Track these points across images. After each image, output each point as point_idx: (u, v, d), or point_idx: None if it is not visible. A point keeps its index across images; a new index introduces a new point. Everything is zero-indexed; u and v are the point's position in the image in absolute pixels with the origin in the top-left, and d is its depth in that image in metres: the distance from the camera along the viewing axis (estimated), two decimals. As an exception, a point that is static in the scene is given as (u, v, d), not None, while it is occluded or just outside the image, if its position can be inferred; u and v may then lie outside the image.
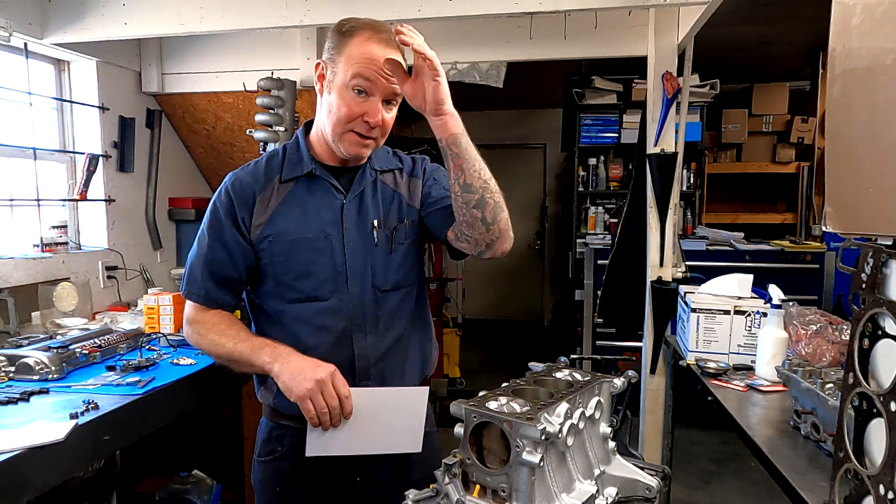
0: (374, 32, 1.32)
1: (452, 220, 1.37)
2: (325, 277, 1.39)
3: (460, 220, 1.34)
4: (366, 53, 1.30)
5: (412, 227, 1.49)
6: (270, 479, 1.48)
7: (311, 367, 1.29)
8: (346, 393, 1.29)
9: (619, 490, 1.10)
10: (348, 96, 1.32)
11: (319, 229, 1.39)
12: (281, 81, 3.23)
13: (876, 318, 0.88)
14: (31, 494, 1.53)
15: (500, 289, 7.59)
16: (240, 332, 1.40)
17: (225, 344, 1.38)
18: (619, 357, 3.61)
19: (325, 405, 1.27)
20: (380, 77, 1.30)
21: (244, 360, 1.36)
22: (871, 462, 0.89)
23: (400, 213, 1.47)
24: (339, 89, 1.33)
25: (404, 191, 1.50)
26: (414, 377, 1.49)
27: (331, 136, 1.37)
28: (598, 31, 3.07)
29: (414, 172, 1.53)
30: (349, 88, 1.31)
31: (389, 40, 1.32)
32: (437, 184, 1.49)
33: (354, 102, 1.32)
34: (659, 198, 2.90)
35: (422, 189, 1.50)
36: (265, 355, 1.33)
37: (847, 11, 0.89)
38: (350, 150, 1.38)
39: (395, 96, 1.36)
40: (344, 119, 1.33)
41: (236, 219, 1.39)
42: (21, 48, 2.84)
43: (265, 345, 1.36)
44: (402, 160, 1.54)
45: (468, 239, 1.36)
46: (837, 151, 0.94)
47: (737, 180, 5.68)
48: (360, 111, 1.32)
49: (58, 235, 3.00)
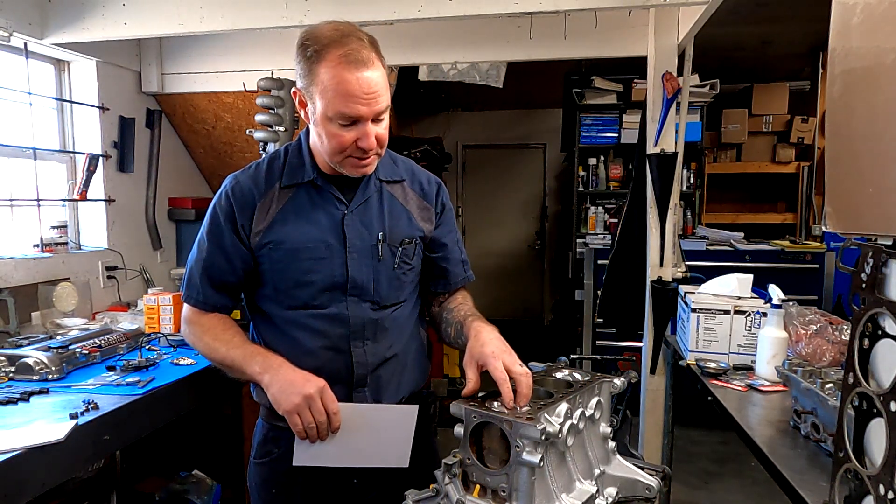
0: (341, 52, 1.22)
1: (438, 281, 1.53)
2: (323, 287, 1.38)
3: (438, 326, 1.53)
4: (341, 86, 1.22)
5: (419, 249, 1.47)
6: (267, 481, 1.47)
7: (300, 381, 1.28)
8: (335, 409, 1.28)
9: (619, 490, 1.11)
10: (333, 129, 1.27)
11: (320, 239, 1.37)
12: (281, 81, 3.23)
13: (876, 318, 0.88)
14: (31, 494, 1.53)
15: (500, 289, 7.58)
16: (234, 337, 1.40)
17: (219, 349, 1.38)
18: (619, 357, 3.62)
19: (313, 420, 1.26)
20: (360, 106, 1.24)
21: (236, 367, 1.36)
22: (871, 462, 0.89)
23: (409, 229, 1.45)
24: (322, 122, 1.28)
25: (414, 209, 1.47)
26: (410, 387, 1.49)
27: (329, 163, 1.36)
28: (598, 31, 3.07)
29: (425, 195, 1.50)
30: (333, 122, 1.26)
31: (356, 55, 1.22)
32: (445, 236, 1.53)
33: (342, 132, 1.27)
34: (659, 198, 2.90)
35: (436, 222, 1.51)
36: (256, 365, 1.33)
37: (847, 11, 0.89)
38: (354, 173, 1.36)
39: (382, 112, 1.29)
40: (336, 149, 1.29)
41: (236, 224, 1.38)
42: (21, 48, 2.84)
43: (257, 353, 1.35)
44: (406, 171, 1.51)
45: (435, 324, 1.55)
46: (837, 151, 0.94)
47: (737, 180, 5.68)
48: (351, 139, 1.27)
49: (58, 235, 3.00)
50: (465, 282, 1.57)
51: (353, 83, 1.22)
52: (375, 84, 1.25)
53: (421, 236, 1.47)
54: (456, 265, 1.55)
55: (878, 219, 0.86)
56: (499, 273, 7.61)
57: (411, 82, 4.12)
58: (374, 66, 1.25)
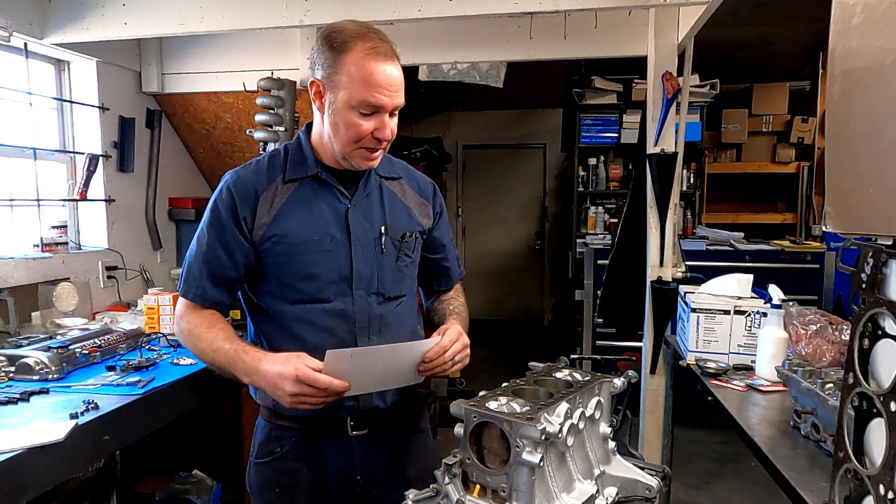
0: (369, 45, 1.29)
1: (440, 280, 1.63)
2: (329, 280, 1.38)
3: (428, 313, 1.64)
4: (368, 76, 1.28)
5: (418, 243, 1.52)
6: (269, 481, 1.46)
7: (279, 381, 1.23)
8: (325, 382, 1.22)
9: (619, 490, 1.11)
10: (354, 117, 1.31)
11: (325, 232, 1.38)
12: (281, 81, 3.23)
13: (876, 318, 0.88)
14: (31, 494, 1.53)
15: (500, 289, 7.58)
16: (216, 338, 1.36)
17: (205, 350, 1.37)
18: (619, 357, 3.62)
19: (317, 399, 1.24)
20: (384, 97, 1.30)
21: (226, 371, 1.35)
22: (871, 462, 0.89)
23: (409, 223, 1.49)
24: (343, 111, 1.31)
25: (413, 204, 1.52)
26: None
27: (340, 153, 1.37)
28: (598, 31, 3.07)
29: (422, 193, 1.55)
30: (355, 111, 1.30)
31: (382, 48, 1.30)
32: (444, 236, 1.60)
33: (362, 122, 1.31)
34: (659, 198, 2.90)
35: (435, 222, 1.57)
36: (239, 372, 1.31)
37: (847, 11, 0.89)
38: (361, 165, 1.39)
39: (400, 106, 1.36)
40: (354, 139, 1.33)
41: (238, 217, 1.38)
42: (21, 48, 2.84)
43: (237, 357, 1.31)
44: (402, 169, 1.56)
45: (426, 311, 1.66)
46: (837, 151, 0.94)
47: (737, 180, 5.68)
48: (369, 129, 1.32)
49: (58, 235, 3.00)
50: (461, 276, 1.69)
51: (381, 74, 1.29)
52: (398, 79, 1.33)
53: (420, 231, 1.51)
54: (454, 263, 1.65)
55: (878, 219, 0.86)
56: (499, 273, 7.61)
57: (411, 82, 4.11)
58: (397, 63, 1.34)
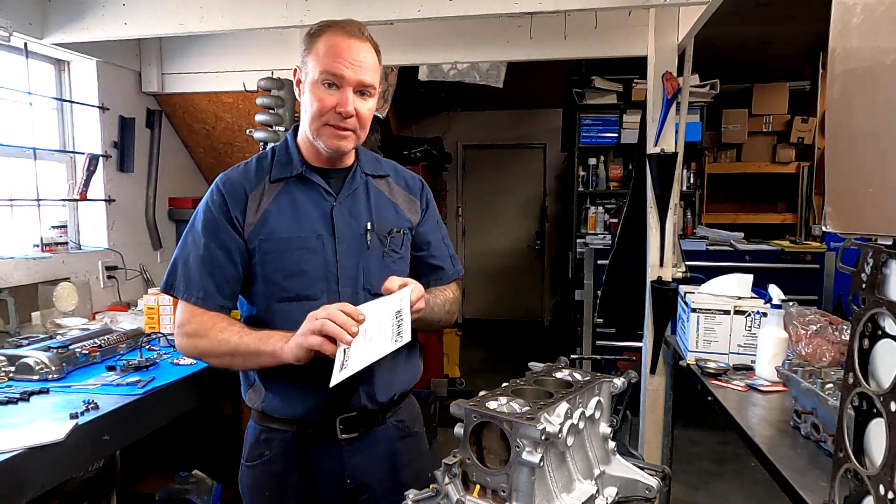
0: (340, 28, 1.35)
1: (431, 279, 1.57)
2: (316, 276, 1.39)
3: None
4: (331, 48, 1.33)
5: (407, 239, 1.52)
6: (259, 484, 1.46)
7: (310, 318, 1.23)
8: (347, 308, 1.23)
9: (619, 490, 1.10)
10: (319, 91, 1.35)
11: (311, 229, 1.39)
12: (281, 81, 3.23)
13: (876, 318, 0.88)
14: (31, 494, 1.53)
15: (500, 289, 7.58)
16: (244, 327, 1.37)
17: (230, 339, 1.33)
18: (619, 357, 3.62)
19: (342, 319, 1.20)
20: (345, 68, 1.32)
21: (251, 351, 1.31)
22: (871, 462, 0.89)
23: (396, 219, 1.50)
24: (310, 87, 1.36)
25: (400, 201, 1.53)
26: (402, 385, 1.49)
27: (311, 134, 1.39)
28: (598, 31, 3.07)
29: (410, 190, 1.56)
30: (319, 84, 1.34)
31: (354, 32, 1.35)
32: (430, 233, 1.58)
33: (325, 95, 1.34)
34: (659, 198, 2.90)
35: (420, 217, 1.55)
36: (276, 339, 1.29)
37: (847, 11, 0.89)
38: (329, 144, 1.38)
39: (367, 87, 1.37)
40: (317, 113, 1.35)
41: (231, 217, 1.38)
42: (21, 48, 2.84)
43: (274, 333, 1.32)
44: (389, 167, 1.57)
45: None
46: (837, 151, 0.94)
47: (737, 180, 5.68)
48: (332, 103, 1.34)
49: (58, 235, 3.00)
50: (457, 275, 1.64)
51: (344, 46, 1.33)
52: (364, 56, 1.35)
53: (409, 227, 1.52)
54: (445, 260, 1.61)
55: (878, 219, 0.86)
56: (499, 273, 7.61)
57: (411, 82, 4.12)
58: (366, 43, 1.37)
